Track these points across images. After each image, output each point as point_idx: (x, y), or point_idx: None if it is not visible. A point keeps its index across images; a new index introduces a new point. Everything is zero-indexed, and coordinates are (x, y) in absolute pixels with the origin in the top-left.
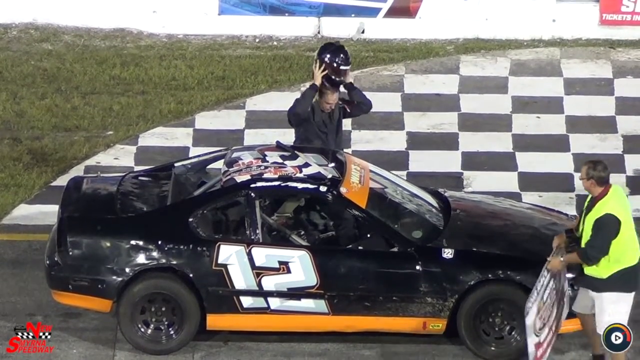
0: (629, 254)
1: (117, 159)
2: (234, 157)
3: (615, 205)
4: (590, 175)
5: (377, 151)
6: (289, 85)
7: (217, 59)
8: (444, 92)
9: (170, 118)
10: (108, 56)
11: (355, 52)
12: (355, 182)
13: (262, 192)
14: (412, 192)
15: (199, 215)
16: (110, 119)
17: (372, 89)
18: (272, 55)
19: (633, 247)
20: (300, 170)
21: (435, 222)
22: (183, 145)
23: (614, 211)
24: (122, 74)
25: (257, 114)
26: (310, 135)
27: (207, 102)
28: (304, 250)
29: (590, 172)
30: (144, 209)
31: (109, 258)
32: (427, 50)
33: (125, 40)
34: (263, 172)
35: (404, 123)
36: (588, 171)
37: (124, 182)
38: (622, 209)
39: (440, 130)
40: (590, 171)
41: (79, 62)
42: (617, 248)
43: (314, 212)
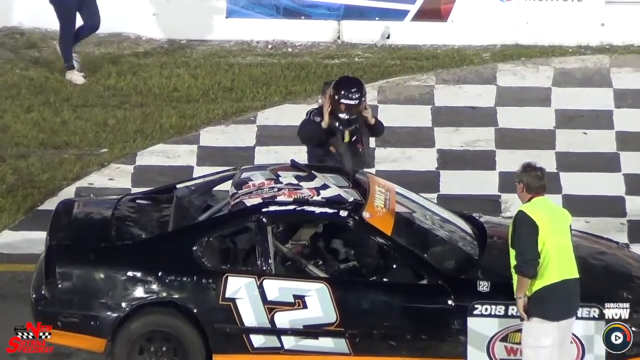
0: (552, 268)
1: (112, 179)
2: (243, 178)
3: (532, 207)
4: (520, 178)
5: (404, 171)
6: (305, 97)
7: (224, 67)
8: (479, 104)
9: (172, 134)
10: (102, 64)
11: (379, 60)
12: (380, 206)
13: (275, 217)
14: (443, 217)
15: (204, 244)
16: (105, 135)
17: (399, 101)
18: (287, 64)
19: (560, 262)
20: (317, 192)
21: (470, 251)
22: (186, 165)
23: (527, 210)
24: (118, 84)
25: (270, 129)
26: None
27: (213, 115)
28: (322, 283)
29: (521, 176)
30: (142, 236)
31: (103, 291)
32: (460, 58)
33: (121, 47)
34: (276, 194)
35: (435, 139)
36: (521, 174)
37: (119, 206)
38: (542, 213)
39: (475, 147)
40: (523, 175)
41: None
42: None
43: (334, 240)
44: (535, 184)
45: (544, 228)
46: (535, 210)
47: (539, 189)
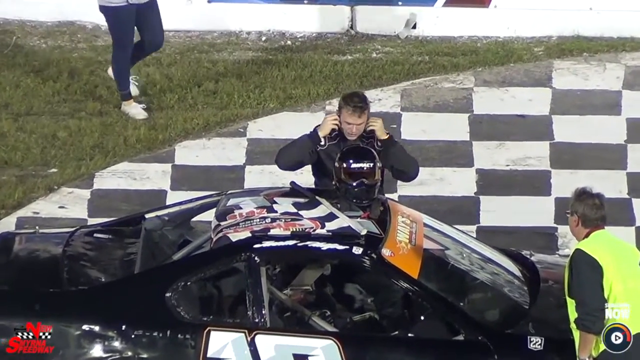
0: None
1: (63, 207)
2: (229, 206)
3: (592, 244)
4: (574, 209)
5: (435, 197)
6: (309, 103)
7: (206, 65)
8: (529, 112)
9: (140, 149)
10: (51, 61)
11: (403, 55)
12: (404, 242)
13: (270, 255)
14: (484, 255)
15: (180, 289)
16: (54, 151)
17: (427, 108)
18: (285, 60)
19: (633, 311)
20: (322, 224)
21: (518, 298)
22: (157, 189)
23: (586, 248)
24: (70, 86)
25: (263, 143)
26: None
27: (191, 126)
28: (330, 339)
29: (575, 205)
30: (101, 279)
31: (52, 351)
32: (505, 53)
33: (75, 39)
34: (270, 226)
35: (473, 157)
36: (574, 203)
37: (73, 241)
38: (606, 250)
39: (524, 166)
40: (577, 204)
41: (9, 69)
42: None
43: (344, 285)
44: (594, 215)
45: (609, 270)
46: (597, 248)
47: (598, 222)
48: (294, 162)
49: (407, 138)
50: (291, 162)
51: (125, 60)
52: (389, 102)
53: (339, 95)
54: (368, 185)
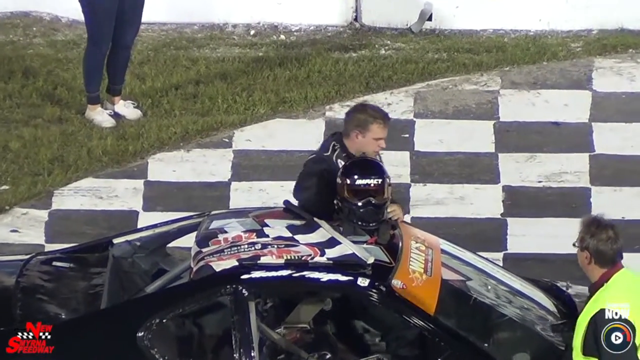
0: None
1: (15, 231)
2: (212, 230)
3: (616, 296)
4: (584, 243)
5: (455, 218)
6: (305, 108)
7: (184, 63)
8: (565, 119)
9: (107, 163)
10: (2, 59)
11: (417, 52)
12: (418, 272)
13: (260, 287)
14: (512, 287)
15: (155, 327)
16: (5, 165)
17: (446, 114)
18: (278, 58)
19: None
20: (321, 251)
21: (553, 337)
22: (127, 209)
23: (611, 303)
24: (25, 88)
25: (252, 156)
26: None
27: (167, 136)
28: None
29: (585, 239)
30: (61, 315)
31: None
32: (537, 50)
33: (30, 32)
34: (260, 253)
35: (499, 171)
36: (583, 236)
37: (27, 271)
38: (636, 300)
39: (559, 183)
40: (588, 237)
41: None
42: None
43: (348, 322)
44: (609, 251)
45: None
46: (622, 297)
47: (615, 258)
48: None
49: (421, 149)
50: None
51: (98, 58)
52: (400, 107)
53: (340, 100)
54: (376, 205)
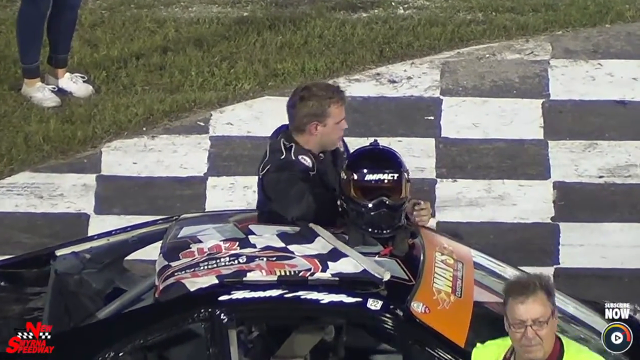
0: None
1: None
2: (183, 238)
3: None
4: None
5: (493, 223)
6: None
7: (148, 25)
8: (634, 97)
9: (49, 152)
10: None
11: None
12: (444, 292)
13: (244, 311)
14: (565, 311)
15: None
16: None
17: (481, 91)
18: (268, 19)
19: None
20: (323, 265)
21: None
22: (75, 212)
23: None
24: None
25: (234, 143)
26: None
27: (127, 118)
28: None
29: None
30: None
31: None
32: (597, 9)
33: None
34: (245, 268)
35: (549, 164)
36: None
37: None
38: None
39: (625, 179)
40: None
41: None
42: None
43: (355, 355)
44: None
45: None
46: None
47: None
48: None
49: (449, 136)
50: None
51: (36, 20)
52: (424, 81)
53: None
54: (391, 207)
